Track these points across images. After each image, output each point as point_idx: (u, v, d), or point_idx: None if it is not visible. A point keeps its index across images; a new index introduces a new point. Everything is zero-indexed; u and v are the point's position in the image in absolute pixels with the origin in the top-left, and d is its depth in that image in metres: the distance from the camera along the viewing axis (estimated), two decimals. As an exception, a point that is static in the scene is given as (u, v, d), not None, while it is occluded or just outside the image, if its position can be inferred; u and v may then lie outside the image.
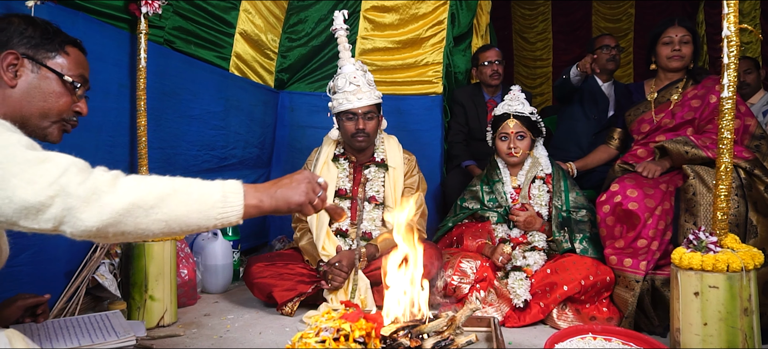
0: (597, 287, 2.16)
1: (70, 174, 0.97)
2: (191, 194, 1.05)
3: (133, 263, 2.07)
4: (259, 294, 2.35)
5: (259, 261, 2.38)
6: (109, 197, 0.98)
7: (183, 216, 1.03)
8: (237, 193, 1.09)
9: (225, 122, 2.91)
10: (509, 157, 2.55)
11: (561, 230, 2.42)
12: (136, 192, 1.00)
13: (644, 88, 2.68)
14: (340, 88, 2.43)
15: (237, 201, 1.08)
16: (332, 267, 2.26)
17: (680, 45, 2.46)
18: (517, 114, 2.55)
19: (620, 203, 2.19)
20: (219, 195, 1.07)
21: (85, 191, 0.97)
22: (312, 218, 2.44)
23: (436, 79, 3.50)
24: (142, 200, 1.00)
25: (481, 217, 2.57)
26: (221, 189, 1.08)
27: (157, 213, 1.01)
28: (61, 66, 1.28)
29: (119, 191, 0.99)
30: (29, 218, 0.95)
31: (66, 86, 1.27)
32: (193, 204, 1.04)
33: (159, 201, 1.01)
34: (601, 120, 3.35)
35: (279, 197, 1.13)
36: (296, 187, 1.15)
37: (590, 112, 3.36)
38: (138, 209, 0.99)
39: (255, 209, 1.11)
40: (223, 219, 1.07)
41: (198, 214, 1.04)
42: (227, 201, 1.07)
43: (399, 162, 2.54)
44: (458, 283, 2.24)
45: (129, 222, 0.99)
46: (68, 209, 0.96)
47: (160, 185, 1.04)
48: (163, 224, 1.01)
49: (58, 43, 1.28)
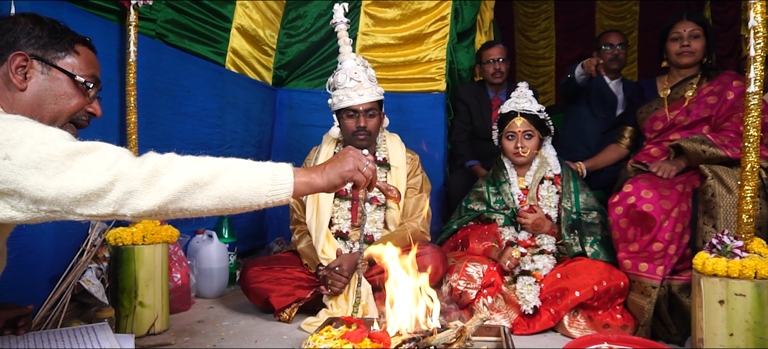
0: (610, 293, 2.05)
1: (125, 159, 1.01)
2: (243, 171, 1.08)
3: (122, 268, 1.97)
4: (256, 300, 2.25)
5: (256, 265, 2.27)
6: (168, 178, 1.02)
7: (235, 192, 1.06)
8: (286, 171, 1.12)
9: (221, 120, 2.80)
10: (516, 157, 2.44)
11: (571, 233, 2.31)
12: (193, 171, 1.04)
13: (656, 84, 2.58)
14: (340, 84, 2.32)
15: (287, 179, 1.11)
16: (332, 272, 2.15)
17: (690, 40, 2.36)
18: (524, 112, 2.44)
19: (634, 204, 2.09)
20: (269, 173, 1.10)
21: (145, 174, 1.00)
22: (311, 220, 2.33)
23: (439, 77, 3.40)
24: (198, 177, 1.04)
25: (487, 219, 2.47)
26: (271, 168, 1.11)
27: (211, 190, 1.04)
28: (72, 66, 1.24)
29: (176, 171, 1.03)
30: (89, 205, 0.98)
31: (78, 87, 1.24)
32: (245, 181, 1.07)
33: (213, 179, 1.05)
34: (609, 119, 3.24)
35: (329, 172, 1.17)
36: (343, 160, 1.19)
37: (598, 111, 3.26)
38: (194, 187, 1.03)
39: (306, 186, 1.14)
40: (274, 196, 1.10)
41: (249, 191, 1.07)
42: (277, 179, 1.10)
43: (401, 161, 2.44)
44: (464, 288, 2.13)
45: (186, 199, 1.03)
46: (129, 192, 0.99)
47: (214, 163, 1.08)
48: (217, 200, 1.05)
49: (68, 43, 1.25)
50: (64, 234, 1.92)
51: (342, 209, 2.38)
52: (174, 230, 2.11)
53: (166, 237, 2.06)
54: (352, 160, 1.19)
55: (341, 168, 1.18)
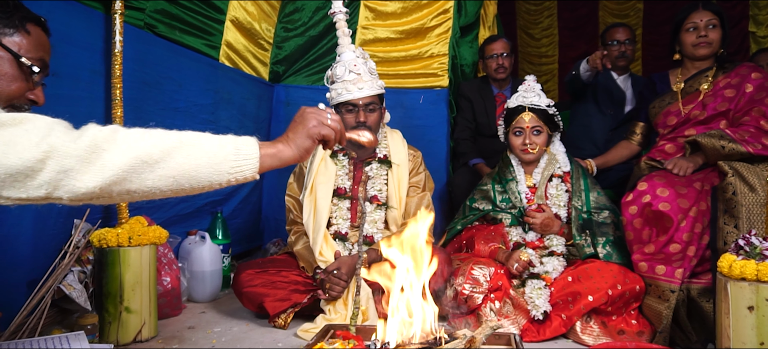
0: (625, 298, 1.93)
1: (58, 132, 0.88)
2: (201, 146, 0.96)
3: (107, 271, 1.85)
4: (250, 305, 2.13)
5: (250, 268, 2.15)
6: (111, 154, 0.89)
7: (192, 171, 0.94)
8: (251, 145, 1.00)
9: (214, 116, 2.69)
10: (524, 154, 2.32)
11: (582, 233, 2.19)
12: (141, 146, 0.91)
13: (669, 78, 2.46)
14: (338, 77, 2.21)
15: (251, 152, 0.99)
16: (330, 275, 2.03)
17: (706, 30, 2.25)
18: (532, 107, 2.33)
19: (649, 203, 1.97)
20: (231, 147, 0.97)
21: (82, 150, 0.88)
22: (309, 220, 2.22)
23: (442, 72, 3.29)
24: (147, 154, 0.91)
25: (493, 219, 2.35)
26: (233, 142, 0.99)
27: (163, 168, 0.93)
28: (19, 45, 1.13)
29: (121, 146, 0.90)
30: (15, 187, 0.85)
31: (22, 69, 1.13)
32: (203, 158, 0.95)
33: (165, 156, 0.93)
34: (617, 115, 3.13)
35: (295, 138, 1.05)
36: (303, 121, 1.07)
37: (605, 107, 3.14)
38: (143, 165, 0.91)
39: (273, 159, 1.03)
40: (238, 173, 0.98)
41: (209, 168, 0.95)
42: (241, 153, 0.98)
43: (403, 158, 2.32)
44: (470, 292, 2.02)
45: (133, 180, 0.91)
46: (64, 172, 0.86)
47: (166, 137, 0.95)
48: (171, 180, 0.93)
49: (19, 20, 1.14)
50: (44, 234, 1.80)
51: (341, 209, 2.26)
52: (163, 231, 1.99)
53: (154, 238, 1.94)
54: (312, 117, 1.07)
55: (305, 129, 1.06)
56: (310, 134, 1.05)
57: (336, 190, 2.27)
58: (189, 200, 2.58)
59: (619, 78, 3.18)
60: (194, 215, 2.62)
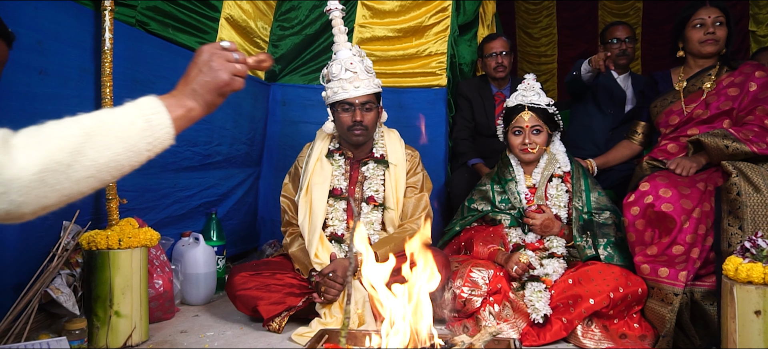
0: (628, 301, 1.89)
1: None
2: (110, 132, 0.87)
3: (96, 274, 1.80)
4: (244, 308, 2.08)
5: (243, 270, 2.11)
6: (9, 171, 0.77)
7: (111, 161, 0.86)
8: (159, 111, 0.91)
9: (209, 116, 2.62)
10: (524, 154, 2.28)
11: (583, 235, 2.15)
12: (43, 154, 0.80)
13: (671, 76, 2.42)
14: (334, 75, 2.17)
15: (163, 120, 0.91)
16: (325, 278, 1.99)
17: (714, 27, 2.20)
18: (532, 106, 2.28)
19: (652, 204, 1.93)
20: (141, 121, 0.89)
21: None
22: (304, 221, 2.17)
23: (440, 71, 3.24)
24: (54, 161, 0.80)
25: (492, 220, 2.31)
26: (140, 113, 0.90)
27: (79, 169, 0.83)
28: None
29: (19, 160, 0.78)
30: None
31: None
32: (117, 144, 0.87)
33: (76, 154, 0.82)
34: (617, 115, 3.09)
35: (201, 92, 0.96)
36: (207, 70, 0.96)
37: (606, 106, 3.10)
38: (53, 174, 0.80)
39: (185, 120, 0.95)
40: (156, 145, 0.91)
41: (126, 151, 0.88)
42: (152, 123, 0.90)
43: (401, 158, 2.27)
44: (469, 295, 1.97)
45: (46, 193, 0.80)
46: None
47: (70, 134, 0.84)
48: (92, 178, 0.85)
49: None
50: (31, 236, 1.76)
51: (337, 210, 2.22)
52: (154, 232, 1.94)
53: (145, 241, 1.90)
54: (219, 66, 0.96)
55: (215, 84, 0.96)
56: (218, 88, 0.96)
57: (332, 190, 2.23)
58: (183, 200, 2.53)
59: (619, 77, 3.13)
60: (188, 216, 2.58)
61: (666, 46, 6.22)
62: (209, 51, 0.97)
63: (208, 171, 2.69)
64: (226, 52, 0.98)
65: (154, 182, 2.31)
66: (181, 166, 2.48)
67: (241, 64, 0.99)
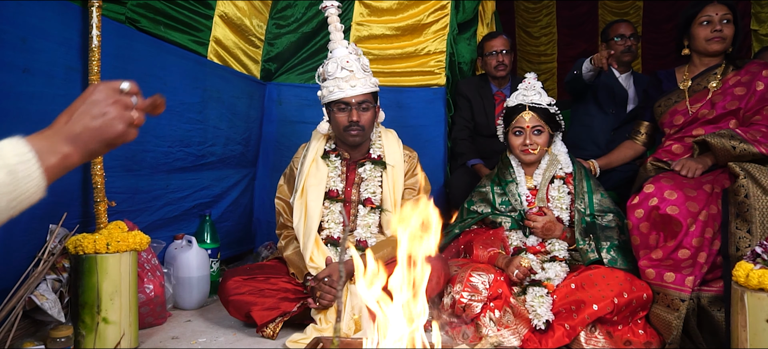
0: (632, 306, 1.83)
1: None
2: None
3: (83, 280, 1.74)
4: (236, 313, 2.02)
5: (236, 274, 2.05)
6: None
7: None
8: (26, 159, 0.73)
9: (202, 116, 2.58)
10: (524, 155, 2.22)
11: (585, 238, 2.09)
12: None
13: (675, 75, 2.36)
14: (330, 74, 2.11)
15: (31, 171, 0.73)
16: (321, 282, 1.93)
17: (721, 25, 2.15)
18: (533, 105, 2.23)
19: (657, 206, 1.88)
20: (2, 173, 0.71)
21: None
22: (299, 224, 2.12)
23: (439, 70, 3.19)
24: None
25: (492, 222, 2.25)
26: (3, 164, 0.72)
27: None
28: None
29: None
30: None
31: None
32: None
33: None
34: (619, 115, 3.03)
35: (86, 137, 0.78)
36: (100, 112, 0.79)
37: (607, 106, 3.05)
38: None
39: (60, 169, 0.77)
40: (21, 202, 0.73)
41: None
42: (18, 176, 0.72)
43: (398, 159, 2.22)
44: (468, 300, 1.91)
45: None
46: None
47: None
48: None
49: None
50: (14, 240, 1.69)
51: (333, 212, 2.16)
52: (144, 236, 1.88)
53: (134, 244, 1.84)
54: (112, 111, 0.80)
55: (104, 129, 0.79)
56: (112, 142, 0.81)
57: (328, 192, 2.17)
58: (176, 202, 2.47)
59: (621, 76, 3.08)
60: (181, 218, 2.52)
61: (667, 45, 6.12)
62: (105, 92, 0.82)
63: (201, 172, 2.63)
64: (124, 97, 0.83)
65: (145, 184, 2.25)
66: (173, 167, 2.42)
67: (138, 111, 0.85)
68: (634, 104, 3.03)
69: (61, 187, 1.85)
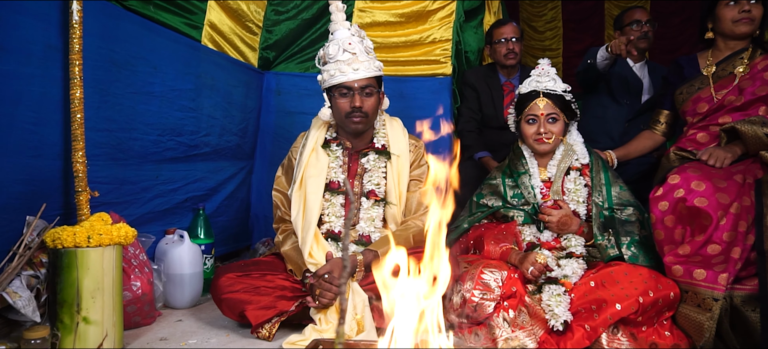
0: (658, 306, 1.69)
1: None
2: None
3: (62, 276, 1.60)
4: (230, 313, 1.88)
5: (230, 271, 1.91)
6: None
7: None
8: None
9: (196, 103, 2.44)
10: (538, 144, 2.08)
11: (604, 233, 1.95)
12: None
13: (697, 61, 2.23)
14: (331, 57, 1.97)
15: None
16: (320, 279, 1.79)
17: (749, 5, 2.01)
18: (548, 92, 2.09)
19: (683, 198, 1.73)
20: None
21: None
22: (297, 217, 1.98)
23: (445, 59, 3.04)
24: None
25: (503, 216, 2.11)
26: None
27: None
28: None
29: None
30: None
31: None
32: None
33: None
34: (634, 105, 2.89)
35: None
36: None
37: (621, 97, 2.91)
38: None
39: None
40: None
41: None
42: None
43: (404, 149, 2.08)
44: (480, 299, 1.77)
45: None
46: None
47: None
48: None
49: None
50: (-13, 233, 1.56)
51: (334, 205, 2.02)
52: (130, 229, 1.74)
53: (118, 238, 1.69)
54: None
55: None
56: None
57: (328, 184, 2.03)
58: (167, 194, 2.33)
59: (635, 65, 2.94)
60: (173, 211, 2.38)
61: (674, 39, 5.97)
62: None
63: (194, 163, 2.49)
64: None
65: (133, 174, 2.11)
66: (163, 157, 2.28)
67: None
68: (648, 94, 2.89)
69: (39, 175, 1.71)
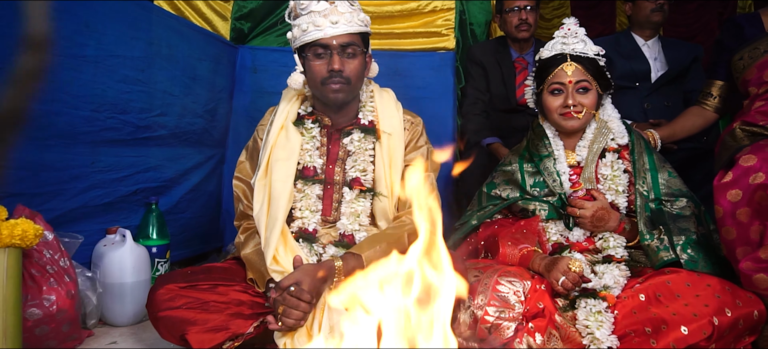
0: (738, 329, 1.27)
1: None
2: None
3: (-72, 289, 1.17)
4: (168, 335, 1.44)
5: (172, 281, 1.46)
6: None
7: None
8: None
9: (145, 75, 2.01)
10: (566, 120, 1.66)
11: (653, 231, 1.52)
12: None
13: (761, 19, 1.81)
14: (303, 8, 1.54)
15: None
16: (285, 293, 1.35)
17: None
18: (577, 55, 1.66)
19: (763, 184, 1.31)
20: None
21: None
22: (260, 212, 1.54)
23: (447, 31, 2.67)
24: None
25: (522, 210, 1.68)
26: None
27: None
28: None
29: None
30: None
31: None
32: None
33: None
34: (646, 85, 2.51)
35: None
36: None
37: (629, 80, 2.53)
38: None
39: None
40: None
41: None
42: None
43: (397, 126, 1.64)
44: (496, 318, 1.34)
45: None
46: None
47: None
48: None
49: None
50: None
51: (308, 197, 1.59)
52: (32, 225, 1.32)
53: (14, 238, 1.27)
54: None
55: None
56: None
57: (302, 170, 1.60)
58: (107, 185, 1.91)
59: (647, 42, 2.55)
60: (116, 206, 1.96)
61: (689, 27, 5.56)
62: None
63: (146, 148, 2.07)
64: None
65: (57, 158, 1.68)
66: (101, 138, 1.85)
67: None
68: (663, 70, 2.51)
69: None
